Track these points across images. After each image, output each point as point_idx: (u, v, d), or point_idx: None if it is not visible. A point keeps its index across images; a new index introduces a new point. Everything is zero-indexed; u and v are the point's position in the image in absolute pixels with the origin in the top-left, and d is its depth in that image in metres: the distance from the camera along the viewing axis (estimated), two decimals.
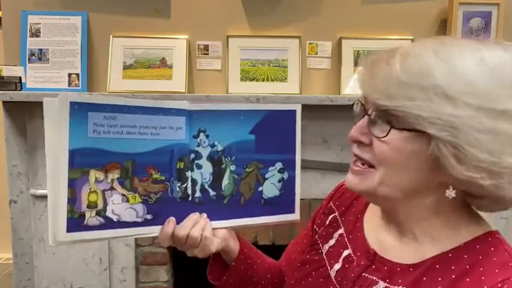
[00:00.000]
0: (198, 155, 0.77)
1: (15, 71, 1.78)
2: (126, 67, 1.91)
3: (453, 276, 0.62)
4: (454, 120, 0.57)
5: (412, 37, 1.97)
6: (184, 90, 1.90)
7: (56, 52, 1.90)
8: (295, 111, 0.84)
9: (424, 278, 0.64)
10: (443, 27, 1.99)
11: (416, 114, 0.59)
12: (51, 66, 1.89)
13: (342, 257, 0.76)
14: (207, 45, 1.96)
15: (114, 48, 1.91)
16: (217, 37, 1.96)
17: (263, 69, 1.95)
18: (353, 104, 0.71)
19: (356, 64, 1.96)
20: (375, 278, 0.69)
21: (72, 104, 0.67)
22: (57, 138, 0.67)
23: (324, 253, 0.80)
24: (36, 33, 1.89)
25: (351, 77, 1.96)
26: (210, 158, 0.78)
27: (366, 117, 0.66)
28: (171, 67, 1.92)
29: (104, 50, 1.92)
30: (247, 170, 0.81)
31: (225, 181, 0.80)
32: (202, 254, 0.77)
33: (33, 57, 1.89)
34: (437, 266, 0.64)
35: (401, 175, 0.64)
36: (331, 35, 1.98)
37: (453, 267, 0.63)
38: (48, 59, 1.89)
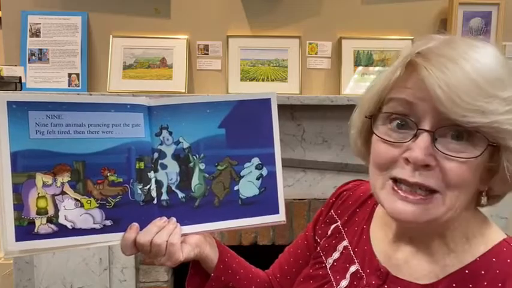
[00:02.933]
0: (162, 154, 0.71)
1: (15, 71, 1.78)
2: (126, 67, 1.91)
3: None
4: None
5: (412, 37, 1.97)
6: (184, 90, 1.90)
7: (56, 52, 1.90)
8: (269, 99, 0.76)
9: None
10: (443, 27, 1.99)
11: (507, 130, 0.55)
12: (51, 66, 1.89)
13: (349, 273, 0.70)
14: (207, 45, 1.96)
15: (114, 48, 1.91)
16: (217, 37, 1.96)
17: (263, 69, 1.95)
18: (391, 115, 0.60)
19: (356, 64, 1.96)
20: None
21: (10, 104, 0.63)
22: None
23: (328, 267, 0.74)
24: (36, 33, 1.89)
25: (351, 77, 1.96)
26: (176, 156, 0.72)
27: (425, 135, 0.57)
28: (171, 67, 1.92)
29: (104, 50, 1.92)
30: (219, 167, 0.74)
31: (195, 181, 0.73)
32: (170, 262, 0.70)
33: (33, 57, 1.89)
34: (454, 285, 0.61)
35: (466, 194, 0.59)
36: (331, 35, 1.98)
37: (471, 285, 0.60)
38: (48, 59, 1.89)
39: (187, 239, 0.73)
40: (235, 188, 0.75)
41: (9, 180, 0.63)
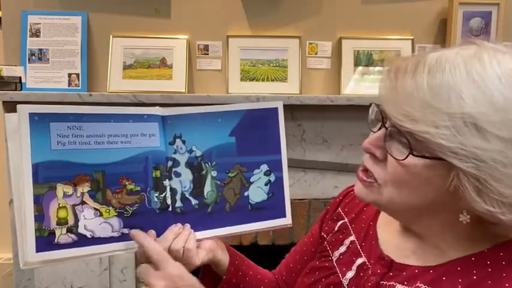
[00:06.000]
0: (176, 163, 0.73)
1: (15, 71, 1.78)
2: (126, 67, 1.91)
3: (474, 278, 0.60)
4: (481, 153, 0.52)
5: (412, 37, 1.97)
6: (184, 91, 1.90)
7: (56, 52, 1.90)
8: (276, 108, 0.79)
9: (444, 278, 0.62)
10: (443, 27, 1.99)
11: (439, 143, 0.54)
12: (51, 66, 1.89)
13: (355, 265, 0.72)
14: (207, 45, 1.96)
15: (114, 48, 1.91)
16: (217, 37, 1.96)
17: (263, 69, 1.95)
18: (369, 106, 0.65)
19: (356, 64, 1.96)
20: (392, 282, 0.66)
21: (32, 115, 0.63)
22: (19, 152, 0.63)
23: (334, 260, 0.76)
24: (36, 33, 1.89)
25: (351, 77, 1.96)
26: (189, 164, 0.74)
27: (383, 129, 0.61)
28: (171, 67, 1.92)
29: (104, 50, 1.92)
30: (230, 174, 0.77)
31: (207, 188, 0.76)
32: (187, 267, 0.71)
33: (33, 57, 1.89)
34: (458, 268, 0.62)
35: (412, 196, 0.60)
36: (331, 35, 1.98)
37: (475, 271, 0.61)
38: (48, 59, 1.89)
39: (202, 244, 0.75)
40: (245, 193, 0.78)
41: (30, 192, 0.63)
